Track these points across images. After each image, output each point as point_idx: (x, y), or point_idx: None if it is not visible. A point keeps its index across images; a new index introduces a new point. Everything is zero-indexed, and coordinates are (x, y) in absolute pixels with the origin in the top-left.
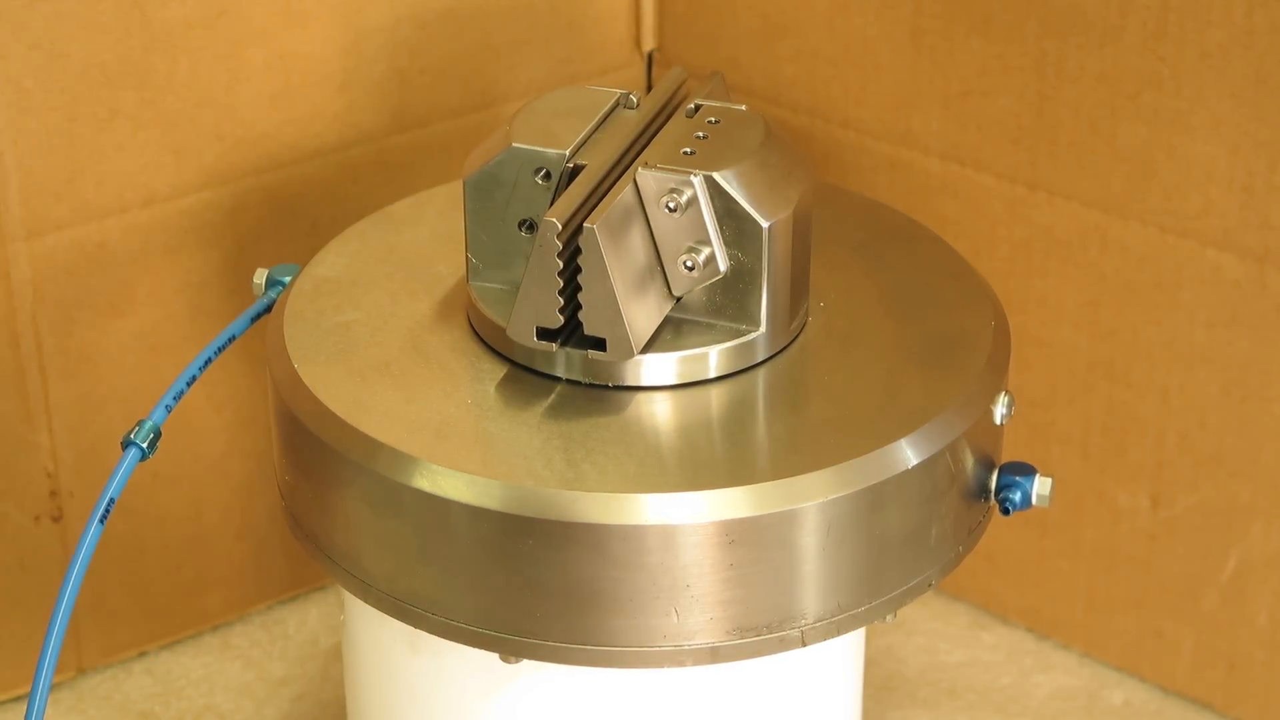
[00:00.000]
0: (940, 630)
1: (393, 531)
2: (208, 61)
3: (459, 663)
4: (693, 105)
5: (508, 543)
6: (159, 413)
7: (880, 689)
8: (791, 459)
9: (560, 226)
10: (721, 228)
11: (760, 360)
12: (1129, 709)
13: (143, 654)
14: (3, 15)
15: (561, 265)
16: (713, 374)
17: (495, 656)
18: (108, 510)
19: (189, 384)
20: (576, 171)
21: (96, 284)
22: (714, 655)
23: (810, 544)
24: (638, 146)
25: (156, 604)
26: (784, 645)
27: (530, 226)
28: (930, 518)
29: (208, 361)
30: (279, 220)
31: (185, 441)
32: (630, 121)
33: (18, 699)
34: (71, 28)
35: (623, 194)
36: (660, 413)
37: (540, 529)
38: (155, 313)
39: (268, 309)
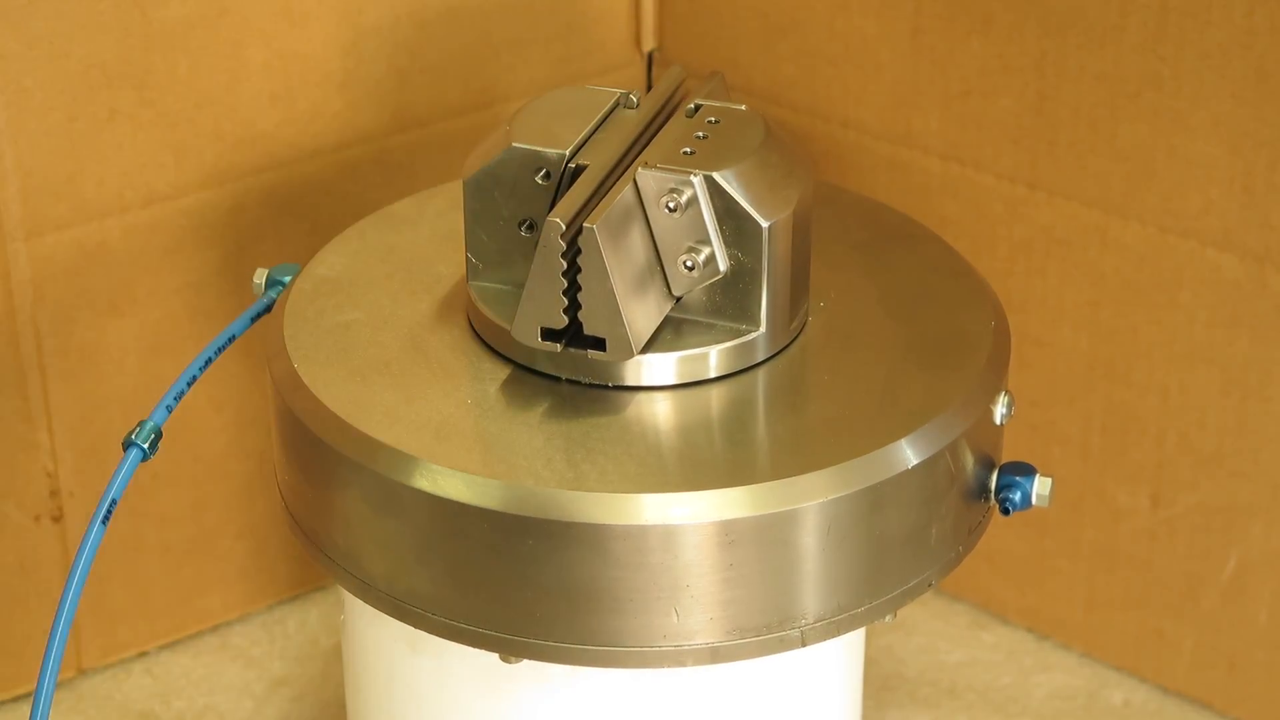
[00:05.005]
0: (940, 630)
1: (393, 531)
2: (208, 61)
3: (459, 663)
4: (693, 105)
5: (508, 543)
6: (160, 413)
7: (880, 689)
8: (791, 459)
9: (564, 227)
10: (721, 227)
11: (760, 360)
12: (1129, 709)
13: (143, 654)
14: (3, 15)
15: (565, 266)
16: (713, 374)
17: (495, 656)
18: (109, 511)
19: (189, 384)
20: (577, 172)
21: (96, 284)
22: (714, 655)
23: (810, 544)
24: (638, 146)
25: (156, 604)
26: (784, 645)
27: (530, 226)
28: (930, 518)
29: (208, 361)
30: (279, 220)
31: (185, 441)
32: (630, 121)
33: (18, 699)
34: (71, 27)
35: (623, 194)
36: (660, 413)
37: (540, 529)
38: (155, 313)
39: (268, 309)
